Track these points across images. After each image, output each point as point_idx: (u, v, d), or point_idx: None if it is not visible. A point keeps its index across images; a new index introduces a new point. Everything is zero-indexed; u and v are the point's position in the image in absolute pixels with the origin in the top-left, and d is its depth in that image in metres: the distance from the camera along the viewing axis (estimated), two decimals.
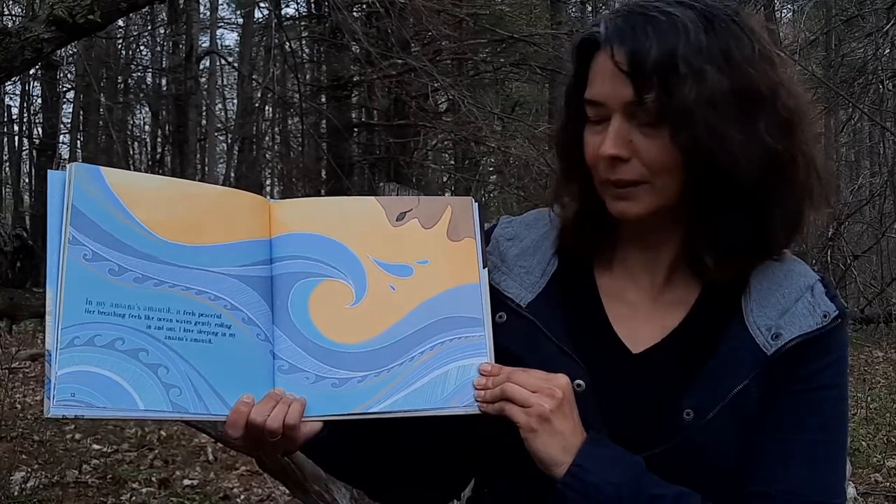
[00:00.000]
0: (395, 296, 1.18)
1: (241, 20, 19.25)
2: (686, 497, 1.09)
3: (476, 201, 1.24)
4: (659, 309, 1.19)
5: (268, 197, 1.22)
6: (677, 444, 1.11)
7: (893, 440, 6.77)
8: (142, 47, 19.78)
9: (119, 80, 19.40)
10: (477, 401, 1.13)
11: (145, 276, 1.10)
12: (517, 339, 1.18)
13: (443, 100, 13.23)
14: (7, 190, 21.17)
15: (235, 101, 20.90)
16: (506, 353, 1.17)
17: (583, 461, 1.07)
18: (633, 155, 1.11)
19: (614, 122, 1.11)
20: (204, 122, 17.89)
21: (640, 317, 1.19)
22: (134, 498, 5.44)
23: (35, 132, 19.72)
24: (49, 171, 1.11)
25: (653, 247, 1.19)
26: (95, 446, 6.44)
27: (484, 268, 1.20)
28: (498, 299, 1.21)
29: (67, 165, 1.11)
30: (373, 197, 1.23)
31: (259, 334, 1.15)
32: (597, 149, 1.12)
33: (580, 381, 1.14)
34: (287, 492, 4.79)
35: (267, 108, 19.23)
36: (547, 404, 1.08)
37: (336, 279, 1.18)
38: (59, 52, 11.92)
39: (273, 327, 1.16)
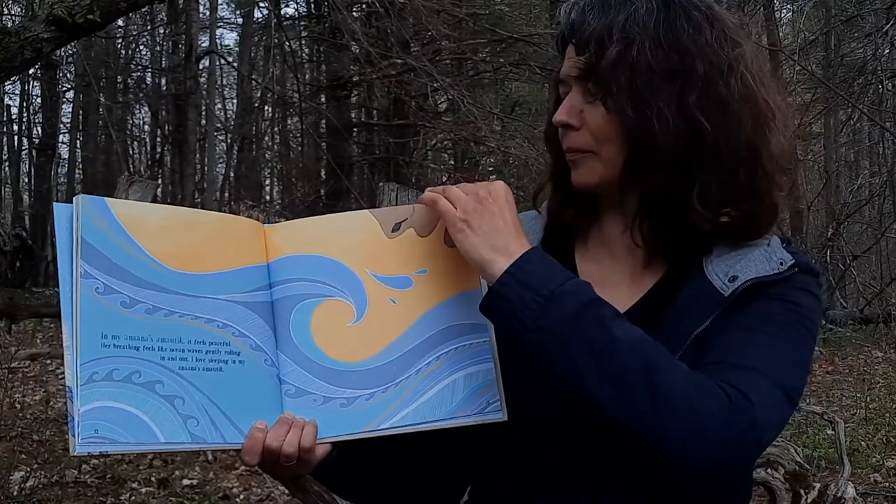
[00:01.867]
0: (396, 309, 1.17)
1: (240, 20, 19.27)
2: (621, 316, 1.10)
3: None
4: (635, 285, 1.23)
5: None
6: None
7: (893, 440, 6.77)
8: (141, 47, 19.82)
9: (118, 80, 19.41)
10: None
11: (156, 306, 1.10)
12: None
13: (442, 100, 13.25)
14: (6, 190, 21.17)
15: (235, 100, 20.92)
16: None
17: (530, 255, 1.09)
18: (582, 125, 1.18)
19: (570, 94, 1.19)
20: (203, 121, 17.89)
21: (619, 296, 1.21)
22: (133, 498, 5.44)
23: (35, 132, 19.73)
24: (55, 203, 1.10)
25: (624, 222, 1.22)
26: None
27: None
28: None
29: (74, 198, 1.10)
30: (366, 210, 1.21)
31: (266, 360, 1.15)
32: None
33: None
34: (287, 492, 4.79)
35: (266, 107, 19.25)
36: (470, 204, 1.11)
37: (336, 298, 1.17)
38: (58, 51, 11.92)
39: (277, 352, 1.16)
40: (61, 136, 19.54)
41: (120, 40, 17.89)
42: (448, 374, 1.15)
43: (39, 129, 19.44)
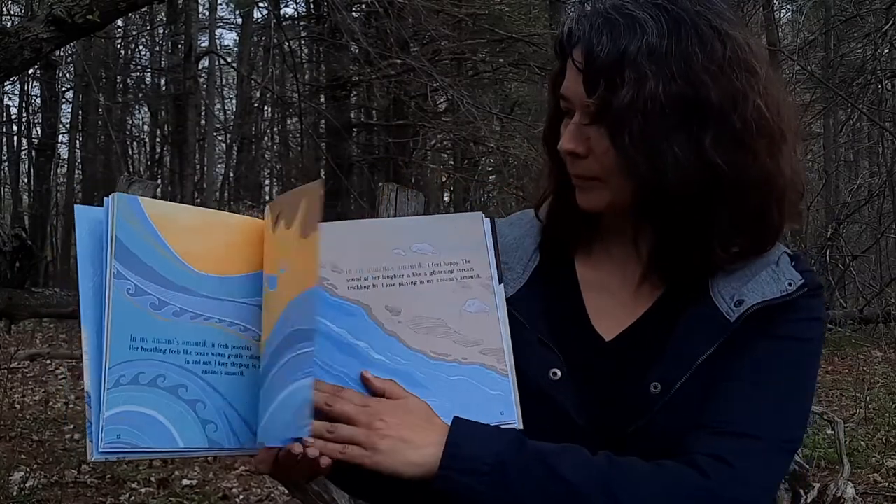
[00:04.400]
0: (264, 316, 1.12)
1: (240, 20, 19.27)
2: (570, 449, 1.08)
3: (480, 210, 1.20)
4: (636, 298, 1.20)
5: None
6: (649, 420, 1.12)
7: (892, 440, 6.77)
8: (141, 47, 19.82)
9: (118, 80, 19.41)
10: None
11: (183, 309, 1.09)
12: None
13: (442, 100, 13.24)
14: (6, 190, 21.16)
15: (234, 101, 20.92)
16: None
17: (454, 438, 1.06)
18: (589, 152, 1.13)
19: (575, 118, 1.13)
20: (203, 122, 17.89)
21: (619, 307, 1.20)
22: (133, 498, 5.44)
23: (34, 132, 19.73)
24: (77, 206, 1.08)
25: (634, 239, 1.20)
26: None
27: (500, 283, 1.18)
28: None
29: (108, 197, 1.08)
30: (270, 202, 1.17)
31: None
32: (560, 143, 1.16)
33: (556, 370, 1.16)
34: (286, 492, 4.78)
35: (266, 108, 19.25)
36: (361, 434, 1.06)
37: None
38: (58, 51, 11.92)
39: None
40: (61, 137, 19.56)
41: (119, 40, 17.88)
42: (277, 392, 1.06)
43: (39, 129, 19.44)
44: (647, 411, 1.12)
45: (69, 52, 15.63)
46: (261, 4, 16.11)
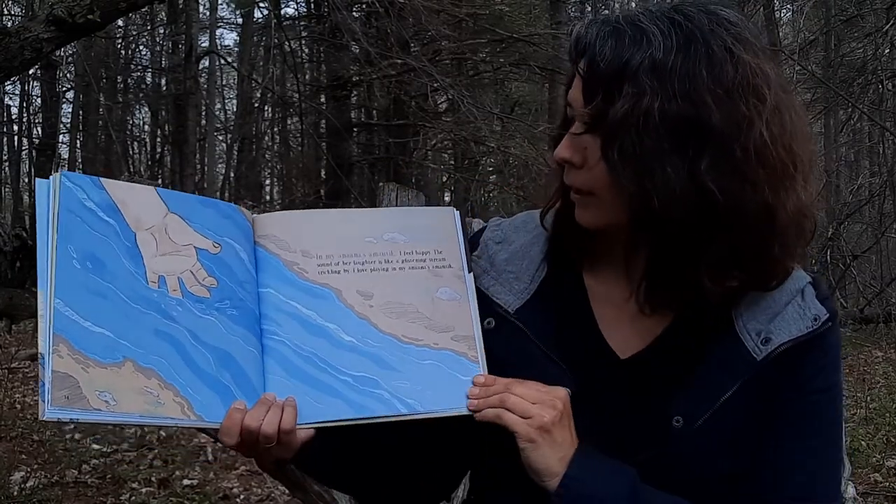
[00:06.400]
0: None
1: (240, 20, 19.26)
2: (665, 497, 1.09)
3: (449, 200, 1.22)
4: (645, 315, 1.16)
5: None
6: (666, 451, 1.11)
7: (893, 440, 6.77)
8: (141, 47, 19.80)
9: (118, 80, 19.40)
10: (470, 409, 1.12)
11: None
12: (505, 345, 1.18)
13: (442, 100, 13.23)
14: (7, 190, 21.15)
15: (235, 101, 20.92)
16: (494, 359, 1.16)
17: (575, 472, 1.06)
18: (584, 163, 1.10)
19: (574, 126, 1.11)
20: (203, 122, 17.88)
21: (628, 320, 1.18)
22: (133, 498, 5.44)
23: (34, 132, 19.70)
24: (38, 180, 1.11)
25: (626, 260, 1.18)
26: (95, 446, 6.44)
27: (469, 272, 1.19)
28: (487, 304, 1.20)
29: (52, 176, 1.11)
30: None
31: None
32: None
33: (566, 388, 1.14)
34: (286, 492, 4.78)
35: (266, 108, 19.24)
36: (548, 415, 1.07)
37: None
38: (58, 51, 11.91)
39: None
40: (61, 136, 19.53)
41: (120, 40, 17.87)
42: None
43: (39, 129, 19.41)
44: (664, 442, 1.12)
45: (69, 52, 15.61)
46: (261, 4, 16.10)
